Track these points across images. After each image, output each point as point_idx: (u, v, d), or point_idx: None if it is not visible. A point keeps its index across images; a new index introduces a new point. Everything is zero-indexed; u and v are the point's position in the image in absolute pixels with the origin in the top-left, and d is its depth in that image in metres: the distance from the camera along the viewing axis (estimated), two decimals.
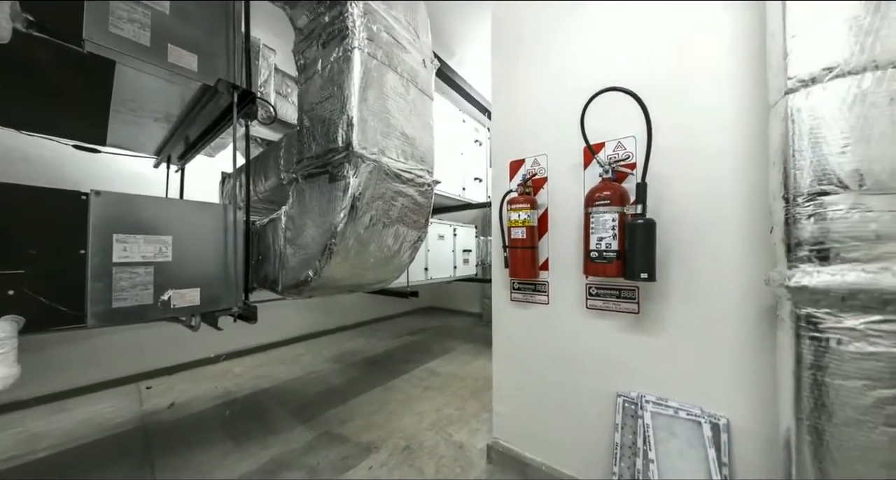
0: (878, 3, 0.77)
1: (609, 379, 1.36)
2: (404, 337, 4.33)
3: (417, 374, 3.03)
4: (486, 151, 3.83)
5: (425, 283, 3.06)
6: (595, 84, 1.39)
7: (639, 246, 1.15)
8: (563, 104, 1.50)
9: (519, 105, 1.67)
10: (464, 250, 3.63)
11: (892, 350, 0.73)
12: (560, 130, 1.51)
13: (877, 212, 0.76)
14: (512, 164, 1.69)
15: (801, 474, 0.85)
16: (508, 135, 1.71)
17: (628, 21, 1.35)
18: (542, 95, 1.59)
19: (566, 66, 1.52)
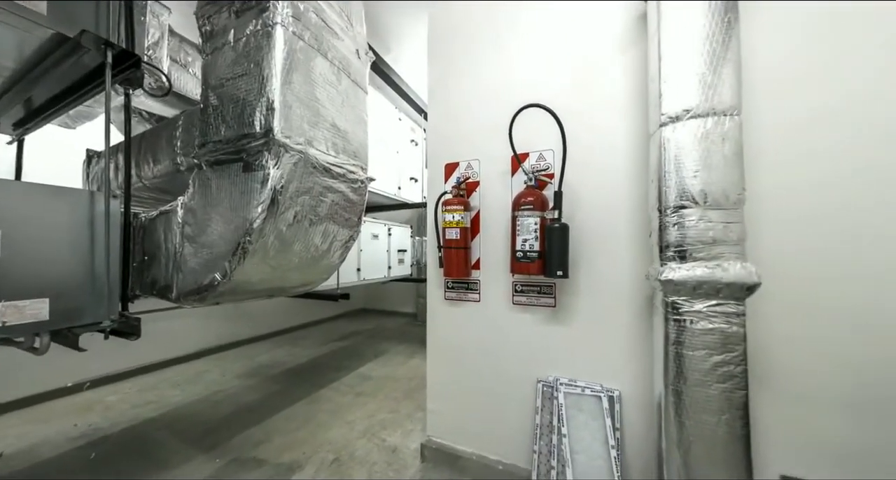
0: (716, 63, 1.02)
1: (531, 366, 1.50)
2: (333, 343, 4.06)
3: (348, 381, 2.87)
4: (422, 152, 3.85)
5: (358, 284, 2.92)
6: (522, 99, 1.51)
7: (556, 247, 1.30)
8: (495, 114, 1.60)
9: (454, 110, 1.73)
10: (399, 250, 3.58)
11: (722, 326, 0.98)
12: (491, 138, 1.61)
13: (714, 222, 1.00)
14: (447, 167, 1.73)
15: (668, 428, 1.07)
16: (444, 138, 1.75)
17: (547, 50, 1.51)
18: (475, 104, 1.67)
19: (497, 80, 1.62)
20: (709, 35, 1.03)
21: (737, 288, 0.96)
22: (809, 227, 1.10)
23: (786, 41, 1.14)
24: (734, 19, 1.03)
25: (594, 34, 1.43)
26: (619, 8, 1.38)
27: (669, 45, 1.09)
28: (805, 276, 1.10)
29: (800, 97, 1.12)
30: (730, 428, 0.97)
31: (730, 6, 1.03)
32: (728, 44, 1.02)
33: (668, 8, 1.10)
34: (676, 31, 1.08)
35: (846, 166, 1.07)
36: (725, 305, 0.98)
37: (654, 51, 1.15)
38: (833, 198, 1.08)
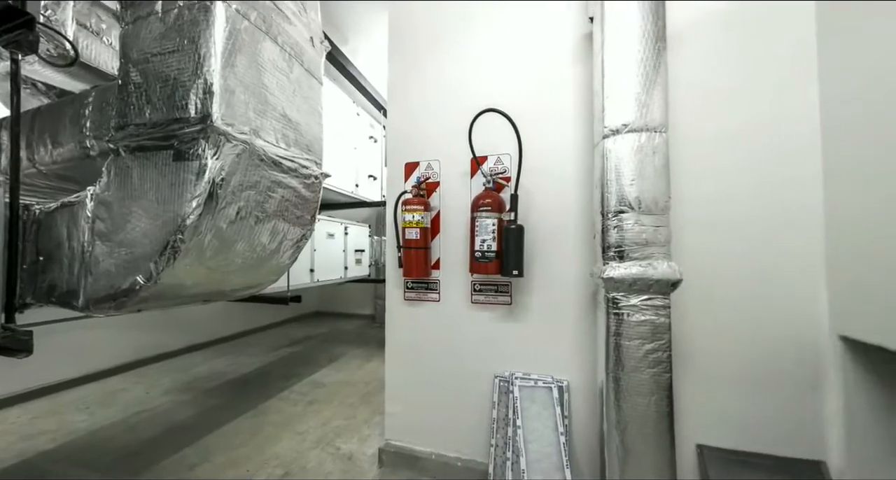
0: (649, 85, 1.15)
1: (489, 363, 1.55)
2: (283, 350, 3.79)
3: (299, 389, 2.70)
4: (382, 149, 3.77)
5: (311, 286, 2.76)
6: (481, 104, 1.55)
7: (512, 247, 1.36)
8: (455, 117, 1.62)
9: (415, 109, 1.71)
10: (356, 250, 3.46)
11: (652, 318, 1.10)
12: (452, 140, 1.62)
13: (646, 226, 1.12)
14: (407, 166, 1.71)
15: (608, 412, 1.17)
16: (404, 137, 1.73)
17: (505, 59, 1.58)
18: (436, 105, 1.67)
19: (458, 83, 1.64)
20: (643, 59, 1.15)
21: (664, 284, 1.09)
22: (719, 232, 1.29)
23: (701, 70, 1.33)
24: (662, 48, 1.16)
25: (547, 48, 1.52)
26: (570, 25, 1.49)
27: (611, 66, 1.20)
28: (715, 273, 1.28)
29: (712, 118, 1.31)
30: (658, 408, 1.10)
31: (660, 36, 1.16)
32: (658, 68, 1.15)
33: (609, 31, 1.21)
34: (616, 53, 1.19)
35: (747, 181, 1.27)
36: (655, 299, 1.10)
37: (598, 69, 1.26)
38: (737, 208, 1.28)
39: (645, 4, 1.17)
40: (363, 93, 3.51)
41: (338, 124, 2.98)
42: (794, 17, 1.25)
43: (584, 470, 1.40)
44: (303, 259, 2.61)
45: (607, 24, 1.21)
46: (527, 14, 1.55)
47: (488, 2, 1.60)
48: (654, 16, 1.16)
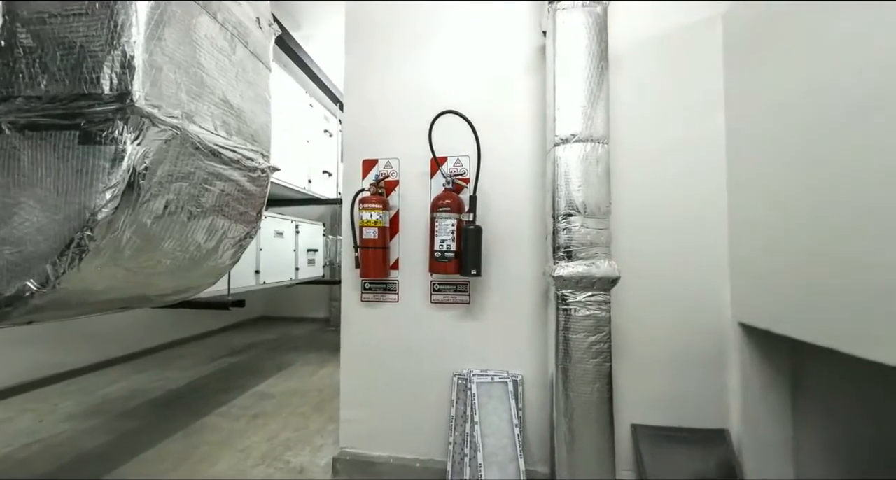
0: (593, 99, 1.25)
1: (448, 362, 1.56)
2: (222, 360, 3.43)
3: (242, 403, 2.46)
4: (338, 144, 3.60)
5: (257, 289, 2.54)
6: (442, 105, 1.56)
7: (471, 247, 1.39)
8: (415, 116, 1.61)
9: (374, 106, 1.66)
10: (309, 249, 3.26)
11: (595, 312, 1.21)
12: (412, 139, 1.61)
13: (591, 228, 1.22)
14: (365, 163, 1.66)
15: (557, 401, 1.26)
16: (362, 133, 1.67)
17: (465, 63, 1.60)
18: (396, 103, 1.64)
19: (419, 83, 1.63)
20: (588, 76, 1.25)
21: (606, 282, 1.20)
22: (650, 235, 1.46)
23: (636, 90, 1.49)
24: (605, 67, 1.28)
25: (505, 56, 1.58)
26: (525, 37, 1.57)
27: (561, 79, 1.28)
28: (646, 272, 1.44)
29: (645, 135, 1.48)
30: (600, 394, 1.20)
31: (602, 55, 1.27)
32: (601, 85, 1.26)
33: (559, 47, 1.29)
34: (565, 67, 1.28)
35: (672, 191, 1.45)
36: (598, 295, 1.21)
37: (550, 80, 1.34)
38: (664, 214, 1.45)
39: (590, 25, 1.27)
40: (317, 83, 3.32)
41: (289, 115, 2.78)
42: (706, 48, 1.45)
43: (537, 458, 1.48)
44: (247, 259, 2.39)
45: (558, 40, 1.30)
46: (486, 23, 1.60)
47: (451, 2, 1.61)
48: (597, 36, 1.27)
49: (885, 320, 0.87)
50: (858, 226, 0.93)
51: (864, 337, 0.93)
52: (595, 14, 1.28)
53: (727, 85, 1.42)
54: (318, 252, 3.45)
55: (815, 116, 1.05)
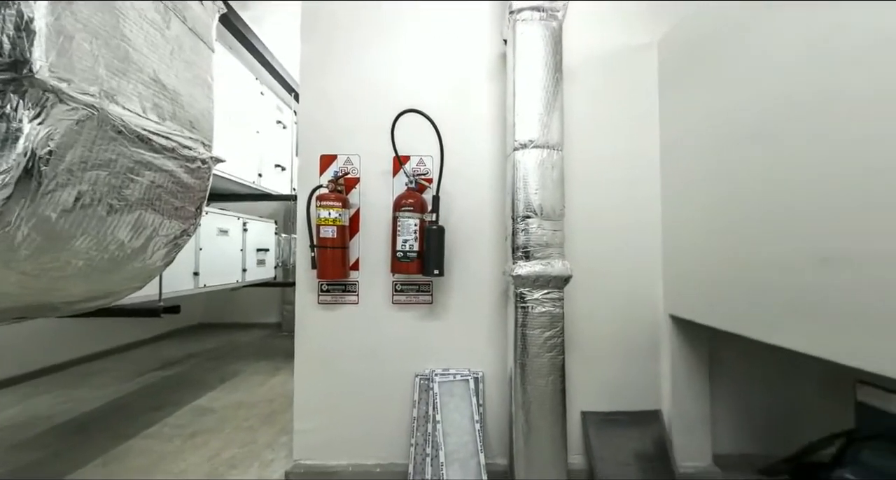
0: (549, 108, 1.32)
1: (410, 363, 1.55)
2: (151, 375, 3.03)
3: (176, 421, 2.20)
4: (293, 137, 3.38)
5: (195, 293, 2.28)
6: (405, 104, 1.54)
7: (433, 247, 1.39)
8: (378, 113, 1.57)
9: (333, 99, 1.59)
10: (259, 249, 3.02)
11: (550, 309, 1.28)
12: (373, 136, 1.57)
13: (546, 229, 1.29)
14: (323, 158, 1.58)
15: (515, 395, 1.31)
16: (320, 128, 1.59)
17: (429, 64, 1.60)
18: (357, 98, 1.59)
19: (382, 80, 1.59)
20: (545, 86, 1.33)
21: (560, 280, 1.28)
22: (599, 236, 1.58)
23: (587, 102, 1.61)
24: (560, 78, 1.36)
25: (468, 60, 1.61)
26: (487, 42, 1.61)
27: (520, 87, 1.34)
28: (595, 270, 1.56)
29: (595, 144, 1.60)
30: (554, 386, 1.28)
31: (558, 67, 1.36)
32: (556, 95, 1.34)
33: (519, 56, 1.35)
34: (524, 76, 1.34)
35: (617, 197, 1.59)
36: (552, 293, 1.28)
37: (510, 87, 1.40)
38: (611, 218, 1.59)
39: (547, 37, 1.35)
40: (269, 70, 3.08)
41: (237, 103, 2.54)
42: (645, 69, 1.62)
43: (497, 451, 1.53)
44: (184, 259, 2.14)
45: (517, 50, 1.36)
46: (450, 27, 1.61)
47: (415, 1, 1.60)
48: (553, 49, 1.35)
49: (781, 310, 1.04)
50: (757, 231, 1.10)
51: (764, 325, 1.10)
52: (551, 28, 1.35)
53: (661, 104, 1.59)
54: (270, 252, 3.21)
55: (724, 137, 1.23)
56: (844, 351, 0.87)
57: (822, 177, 0.92)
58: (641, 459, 1.48)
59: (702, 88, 1.35)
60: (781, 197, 1.03)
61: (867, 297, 0.82)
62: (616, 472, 1.46)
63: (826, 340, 0.91)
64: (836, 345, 0.89)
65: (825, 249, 0.91)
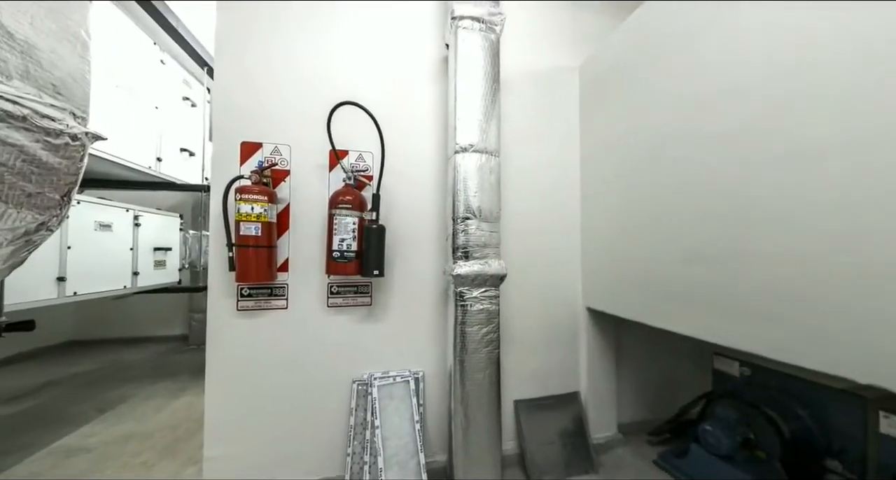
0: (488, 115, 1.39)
1: (347, 368, 1.47)
2: None
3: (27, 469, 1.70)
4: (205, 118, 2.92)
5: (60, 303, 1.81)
6: (344, 95, 1.46)
7: (373, 247, 1.34)
8: (313, 102, 1.45)
9: (258, 80, 1.41)
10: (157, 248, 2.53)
11: (488, 306, 1.35)
12: (307, 126, 1.44)
13: (484, 230, 1.36)
14: (245, 146, 1.39)
15: (454, 391, 1.35)
16: (242, 111, 1.40)
17: (370, 59, 1.54)
18: (288, 84, 1.44)
19: (317, 65, 1.47)
20: (484, 94, 1.39)
21: (496, 279, 1.36)
22: (530, 237, 1.72)
23: (522, 113, 1.74)
24: (497, 88, 1.44)
25: (411, 60, 1.60)
26: (430, 44, 1.62)
27: (461, 92, 1.38)
28: (526, 269, 1.70)
29: (528, 152, 1.74)
30: (490, 379, 1.35)
31: (496, 77, 1.44)
32: (494, 104, 1.42)
33: (460, 62, 1.39)
34: (465, 83, 1.38)
35: (546, 202, 1.75)
36: (489, 291, 1.35)
37: (451, 91, 1.43)
38: (541, 220, 1.74)
39: (486, 48, 1.41)
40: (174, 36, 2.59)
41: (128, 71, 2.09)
42: (571, 89, 1.82)
43: (436, 448, 1.55)
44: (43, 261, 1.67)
45: (459, 56, 1.39)
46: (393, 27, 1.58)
47: None
48: (492, 60, 1.42)
49: (661, 299, 1.27)
50: (646, 235, 1.33)
51: (650, 312, 1.33)
52: (490, 40, 1.43)
53: (581, 121, 1.81)
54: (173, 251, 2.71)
55: (626, 155, 1.46)
56: (704, 329, 1.11)
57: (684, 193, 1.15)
58: (563, 436, 1.66)
59: (610, 112, 1.58)
60: (661, 208, 1.26)
61: (716, 288, 1.06)
62: (542, 451, 1.61)
63: (691, 322, 1.15)
64: (698, 326, 1.13)
65: (687, 250, 1.15)
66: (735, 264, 1.00)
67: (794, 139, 0.87)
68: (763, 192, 0.93)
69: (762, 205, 0.93)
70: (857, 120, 0.76)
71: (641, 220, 1.37)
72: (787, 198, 0.88)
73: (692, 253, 1.14)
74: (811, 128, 0.84)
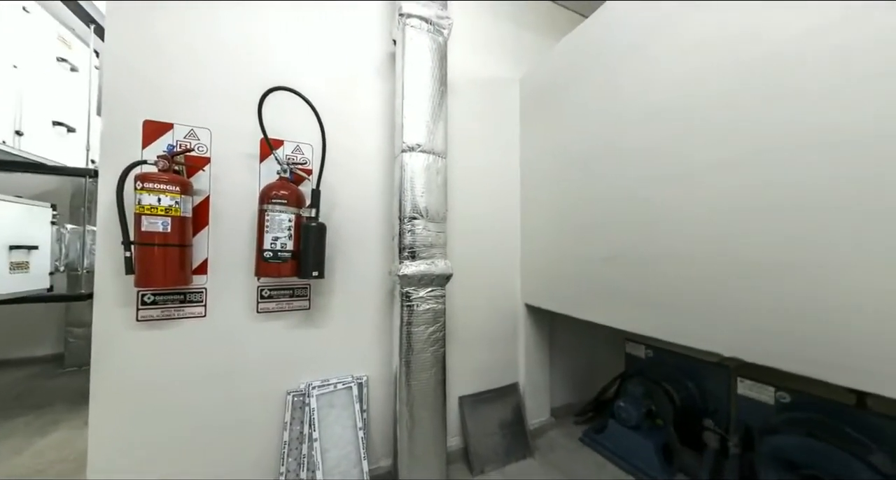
0: (435, 117, 1.40)
1: (280, 380, 1.34)
2: None
3: None
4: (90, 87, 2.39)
5: None
6: (278, 80, 1.32)
7: (312, 247, 1.24)
8: (240, 84, 1.29)
9: (171, 52, 1.20)
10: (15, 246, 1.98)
11: (434, 306, 1.36)
12: (233, 109, 1.27)
13: (431, 231, 1.37)
14: (149, 125, 1.17)
15: (400, 393, 1.33)
16: (147, 84, 1.17)
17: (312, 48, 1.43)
18: (209, 60, 1.25)
19: (246, 46, 1.31)
20: (432, 95, 1.40)
21: (442, 278, 1.37)
22: (475, 238, 1.78)
23: (469, 117, 1.79)
24: (445, 91, 1.46)
25: (357, 52, 1.53)
26: (377, 37, 1.57)
27: (409, 91, 1.37)
28: (471, 268, 1.76)
29: (474, 155, 1.80)
30: (436, 378, 1.36)
31: (443, 80, 1.45)
32: (442, 106, 1.44)
33: (408, 61, 1.38)
34: (413, 82, 1.37)
35: (490, 204, 1.84)
36: (436, 290, 1.37)
37: (399, 88, 1.40)
38: (485, 222, 1.82)
39: (434, 50, 1.42)
40: None
41: None
42: (513, 98, 1.93)
43: (381, 453, 1.50)
44: None
45: (407, 55, 1.38)
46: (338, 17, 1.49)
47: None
48: (440, 62, 1.44)
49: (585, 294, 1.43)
50: (574, 237, 1.49)
51: (577, 306, 1.49)
52: (438, 42, 1.44)
53: (521, 129, 1.94)
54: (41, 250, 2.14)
55: (559, 164, 1.61)
56: (619, 319, 1.28)
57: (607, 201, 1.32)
58: (504, 426, 1.76)
59: (547, 124, 1.72)
60: (588, 213, 1.43)
61: (629, 284, 1.23)
62: (484, 442, 1.68)
63: (609, 313, 1.32)
64: (615, 316, 1.30)
65: (608, 251, 1.32)
66: (644, 263, 1.18)
67: (687, 160, 1.06)
68: (665, 203, 1.11)
69: (664, 214, 1.12)
70: (728, 148, 0.95)
71: (572, 224, 1.52)
72: (680, 209, 1.07)
73: (611, 254, 1.30)
74: (698, 152, 1.03)
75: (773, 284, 0.86)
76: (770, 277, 0.86)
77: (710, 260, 0.98)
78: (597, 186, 1.39)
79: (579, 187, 1.48)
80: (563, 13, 2.19)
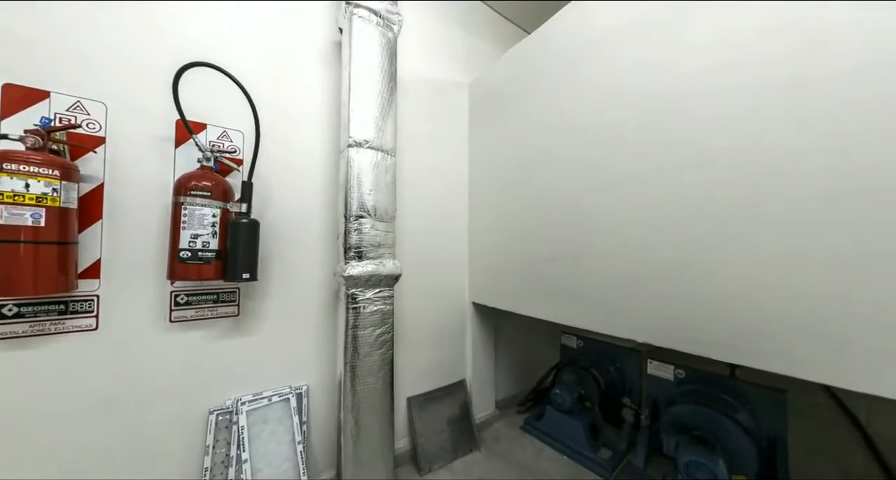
0: (384, 113, 1.37)
1: (201, 398, 1.16)
2: None
3: None
4: None
5: None
6: (199, 53, 1.16)
7: (242, 246, 1.11)
8: (150, 53, 1.09)
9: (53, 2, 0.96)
10: None
11: (382, 307, 1.31)
12: (139, 81, 1.07)
13: (379, 230, 1.32)
14: (12, 90, 0.93)
15: (344, 399, 1.25)
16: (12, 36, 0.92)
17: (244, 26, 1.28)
18: (107, 17, 1.04)
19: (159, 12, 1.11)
20: (381, 91, 1.36)
21: (391, 279, 1.34)
22: (423, 238, 1.78)
23: (419, 118, 1.78)
24: (394, 88, 1.43)
25: (298, 35, 1.41)
26: (321, 23, 1.47)
27: (356, 84, 1.31)
28: (419, 268, 1.75)
29: (424, 156, 1.79)
30: (384, 381, 1.32)
31: (393, 76, 1.42)
32: (391, 103, 1.40)
33: (356, 53, 1.32)
34: (360, 75, 1.32)
35: (439, 204, 1.85)
36: (384, 291, 1.32)
37: (346, 80, 1.33)
38: (433, 222, 1.83)
39: (384, 45, 1.38)
40: None
41: None
42: (462, 101, 1.98)
43: (323, 465, 1.40)
44: None
45: (354, 46, 1.32)
46: None
47: None
48: (390, 59, 1.40)
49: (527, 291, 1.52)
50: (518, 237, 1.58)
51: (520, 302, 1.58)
52: (388, 37, 1.40)
53: (469, 132, 2.00)
54: None
55: (504, 167, 1.69)
56: (556, 314, 1.40)
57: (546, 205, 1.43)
58: (451, 422, 1.79)
59: (494, 129, 1.80)
60: (530, 215, 1.53)
61: (564, 281, 1.35)
62: (432, 440, 1.68)
63: (547, 308, 1.43)
64: (552, 311, 1.41)
65: (547, 251, 1.43)
66: (577, 262, 1.30)
67: (612, 173, 1.19)
68: (594, 209, 1.25)
69: (594, 219, 1.25)
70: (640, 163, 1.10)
71: (516, 225, 1.61)
72: (607, 214, 1.21)
73: (550, 254, 1.41)
74: (619, 164, 1.17)
75: (672, 280, 1.02)
76: (671, 274, 1.02)
77: (630, 260, 1.13)
78: (537, 191, 1.49)
79: (522, 191, 1.58)
80: (508, 27, 2.31)
